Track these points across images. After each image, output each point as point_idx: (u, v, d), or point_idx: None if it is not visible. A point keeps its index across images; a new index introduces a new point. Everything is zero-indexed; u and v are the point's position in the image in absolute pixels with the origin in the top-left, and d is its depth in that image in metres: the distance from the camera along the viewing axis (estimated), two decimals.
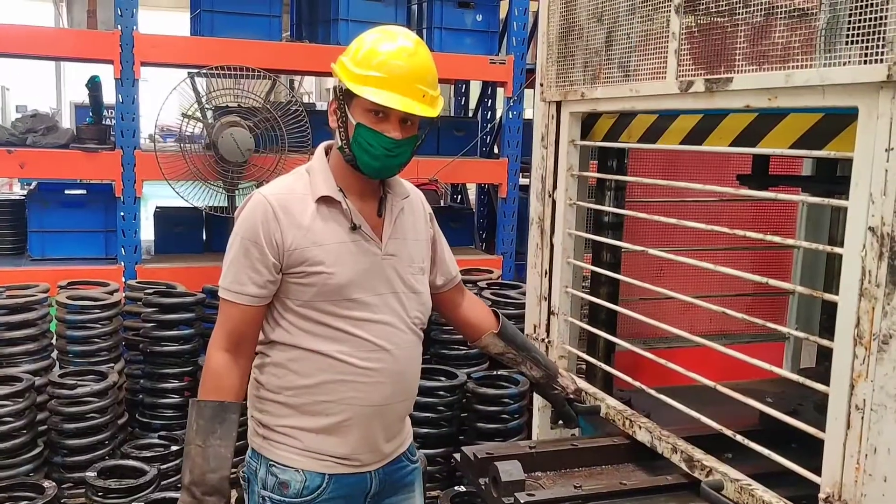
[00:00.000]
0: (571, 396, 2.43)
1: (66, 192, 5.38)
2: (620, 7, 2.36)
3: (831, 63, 1.62)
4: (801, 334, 2.17)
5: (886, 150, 1.51)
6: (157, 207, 5.87)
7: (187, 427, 2.07)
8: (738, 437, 2.05)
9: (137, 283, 4.74)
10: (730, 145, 2.14)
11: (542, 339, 2.85)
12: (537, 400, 2.94)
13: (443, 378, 4.01)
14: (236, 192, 5.13)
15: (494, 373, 4.17)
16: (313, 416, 2.06)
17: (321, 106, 15.23)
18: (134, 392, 4.27)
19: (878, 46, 1.50)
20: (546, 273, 2.81)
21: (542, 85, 2.79)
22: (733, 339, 3.91)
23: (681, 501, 2.02)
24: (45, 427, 3.76)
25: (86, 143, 5.01)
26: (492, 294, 4.58)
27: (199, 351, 4.23)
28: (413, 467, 2.28)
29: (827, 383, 2.47)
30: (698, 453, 2.11)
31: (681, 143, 2.30)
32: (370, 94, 1.96)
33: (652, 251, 2.53)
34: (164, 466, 3.64)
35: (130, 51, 4.85)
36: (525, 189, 6.12)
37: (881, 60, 1.49)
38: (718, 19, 1.96)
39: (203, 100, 5.07)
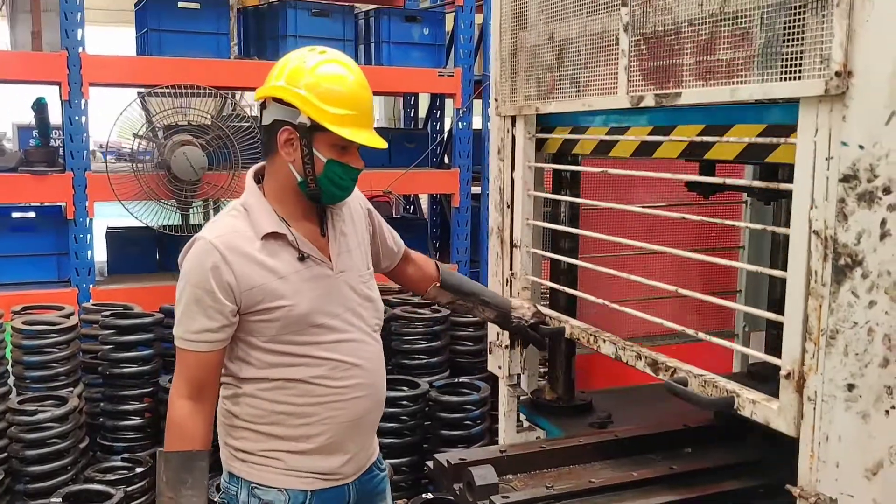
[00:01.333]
0: (533, 321, 2.60)
1: (15, 215, 5.30)
2: (571, 25, 2.46)
3: (773, 79, 1.74)
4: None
5: (827, 158, 1.63)
6: (108, 228, 5.81)
7: (157, 479, 2.03)
8: None
9: (93, 305, 4.70)
10: (678, 156, 2.25)
11: (505, 346, 2.93)
12: (501, 405, 3.02)
13: (405, 388, 4.07)
14: (190, 209, 5.12)
15: (456, 380, 4.24)
16: (294, 440, 2.08)
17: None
18: (94, 415, 4.23)
19: (816, 63, 1.62)
20: (507, 281, 2.90)
21: (496, 100, 2.88)
22: (685, 337, 4.04)
23: (648, 495, 2.11)
24: (6, 455, 3.72)
25: (35, 166, 4.95)
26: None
27: (160, 371, 4.22)
28: (383, 475, 2.36)
29: (775, 378, 2.61)
30: (661, 357, 2.21)
31: (632, 154, 2.40)
32: (355, 136, 2.00)
33: (621, 239, 2.63)
34: (130, 489, 3.62)
35: (78, 72, 4.81)
36: (476, 198, 6.23)
37: (820, 76, 1.61)
38: (665, 37, 2.07)
39: (154, 119, 5.05)
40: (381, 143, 2.07)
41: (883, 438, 1.59)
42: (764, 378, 3.09)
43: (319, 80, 2.01)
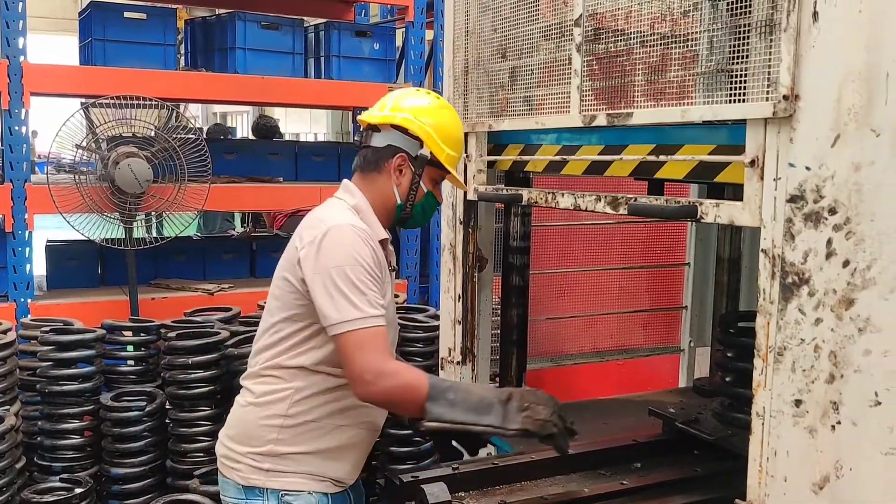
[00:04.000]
0: None
1: None
2: (523, 44, 2.48)
3: (723, 100, 1.78)
4: None
5: (775, 179, 1.67)
6: (48, 241, 5.66)
7: (448, 413, 2.02)
8: None
9: (31, 320, 4.56)
10: (629, 175, 2.28)
11: (457, 362, 2.93)
12: None
13: None
14: (134, 223, 5.02)
15: None
16: (331, 443, 2.18)
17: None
18: (31, 434, 4.10)
19: (764, 86, 1.66)
20: (459, 297, 2.90)
21: None
22: (632, 353, 4.11)
23: None
24: None
25: None
26: (400, 318, 4.63)
27: (101, 388, 4.11)
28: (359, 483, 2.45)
29: (720, 393, 2.67)
30: (620, 195, 2.19)
31: (583, 173, 2.43)
32: (459, 176, 2.36)
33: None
34: None
35: (19, 81, 4.69)
36: None
37: (768, 99, 1.65)
38: (618, 58, 2.11)
39: (98, 130, 4.95)
40: (465, 187, 2.57)
41: (829, 453, 1.63)
42: (710, 393, 3.15)
43: (443, 121, 2.26)
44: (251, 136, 8.35)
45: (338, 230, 2.07)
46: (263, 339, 2.23)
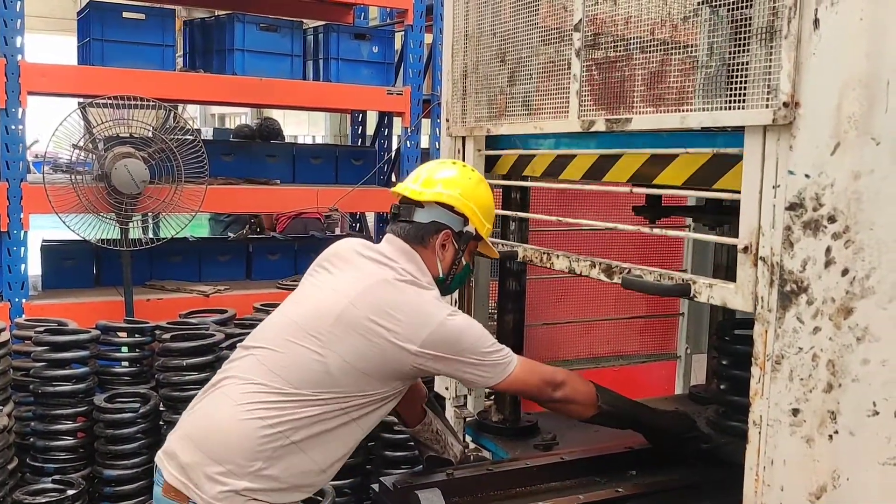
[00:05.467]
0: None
1: None
2: (522, 48, 2.48)
3: (723, 107, 1.77)
4: None
5: (774, 186, 1.66)
6: (43, 241, 5.64)
7: (612, 400, 2.35)
8: None
9: (26, 320, 4.54)
10: (627, 181, 2.27)
11: None
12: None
13: None
14: (130, 223, 5.00)
15: None
16: (309, 476, 2.15)
17: (206, 132, 14.98)
18: (24, 435, 4.07)
19: (764, 93, 1.66)
20: (456, 302, 2.88)
21: (447, 121, 2.88)
22: (628, 359, 4.10)
23: None
24: None
25: None
26: None
27: (95, 389, 4.09)
28: None
29: (716, 401, 2.65)
30: (615, 262, 2.22)
31: (581, 178, 2.42)
32: (493, 250, 2.46)
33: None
34: None
35: (16, 80, 4.68)
36: None
37: (767, 105, 1.64)
38: (617, 63, 2.10)
39: (95, 130, 4.93)
40: (497, 255, 2.57)
41: (826, 463, 1.62)
42: (705, 401, 3.14)
43: (482, 196, 2.34)
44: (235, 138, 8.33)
45: (458, 319, 2.17)
46: (303, 364, 2.11)
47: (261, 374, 2.12)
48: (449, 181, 2.31)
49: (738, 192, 1.76)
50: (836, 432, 1.61)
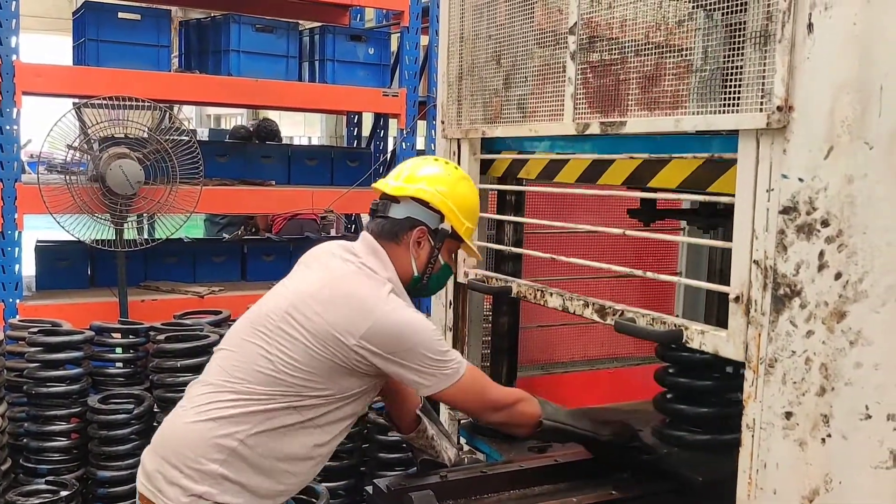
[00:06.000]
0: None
1: None
2: (518, 51, 2.48)
3: (717, 111, 1.77)
4: None
5: (768, 190, 1.66)
6: (38, 241, 5.62)
7: (555, 415, 2.31)
8: None
9: (19, 321, 4.52)
10: (622, 184, 2.28)
11: None
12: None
13: None
14: (125, 224, 4.99)
15: None
16: (264, 479, 2.10)
17: (202, 132, 14.96)
18: (17, 436, 4.06)
19: (758, 96, 1.66)
20: (450, 304, 2.89)
21: (442, 123, 2.88)
22: (622, 361, 4.11)
23: None
24: None
25: None
26: None
27: (89, 391, 4.08)
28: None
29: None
30: (608, 303, 2.21)
31: (576, 180, 2.42)
32: (474, 249, 2.36)
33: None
34: None
35: (11, 80, 4.67)
36: None
37: (762, 109, 1.65)
38: (612, 67, 2.10)
39: (90, 131, 4.93)
40: (480, 257, 2.56)
41: (819, 466, 1.62)
42: None
43: (462, 193, 2.27)
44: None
45: (405, 312, 2.10)
46: (253, 366, 2.10)
47: (216, 375, 2.14)
48: (427, 177, 2.24)
49: (732, 196, 1.77)
50: (829, 436, 1.62)
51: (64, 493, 3.63)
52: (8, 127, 4.74)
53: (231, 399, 2.07)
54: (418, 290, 2.29)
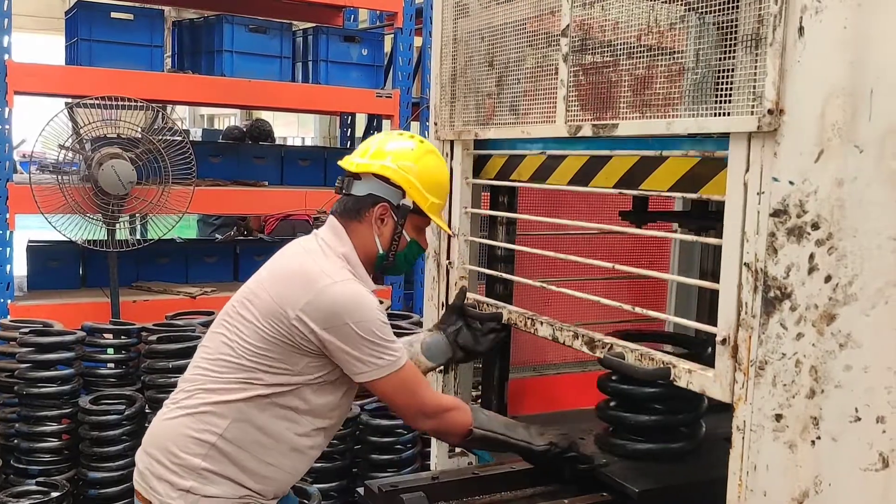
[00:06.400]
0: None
1: None
2: (511, 53, 2.48)
3: (708, 114, 1.78)
4: None
5: (758, 193, 1.67)
6: (29, 241, 5.61)
7: (487, 423, 2.26)
8: None
9: (11, 321, 4.52)
10: (614, 186, 2.28)
11: (440, 371, 2.92)
12: None
13: None
14: (117, 224, 4.98)
15: None
16: (250, 469, 2.10)
17: (195, 133, 14.93)
18: (8, 437, 4.05)
19: (749, 99, 1.66)
20: (443, 305, 2.88)
21: (435, 124, 2.88)
22: None
23: None
24: None
25: None
26: None
27: (80, 391, 4.07)
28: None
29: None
30: (598, 335, 2.20)
31: (568, 182, 2.42)
32: (443, 222, 2.29)
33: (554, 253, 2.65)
34: None
35: (3, 79, 4.67)
36: None
37: (752, 112, 1.65)
38: (604, 69, 2.11)
39: (82, 131, 4.92)
40: (450, 230, 2.47)
41: (809, 468, 1.63)
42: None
43: (427, 167, 2.22)
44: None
45: (347, 286, 2.06)
46: (222, 357, 2.12)
47: (191, 371, 2.18)
48: (390, 152, 2.20)
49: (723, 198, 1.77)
50: (819, 438, 1.62)
51: (55, 494, 3.62)
52: (0, 126, 4.73)
53: (204, 393, 2.11)
54: (386, 268, 2.25)
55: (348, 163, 2.23)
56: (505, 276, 2.83)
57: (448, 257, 2.86)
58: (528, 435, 2.29)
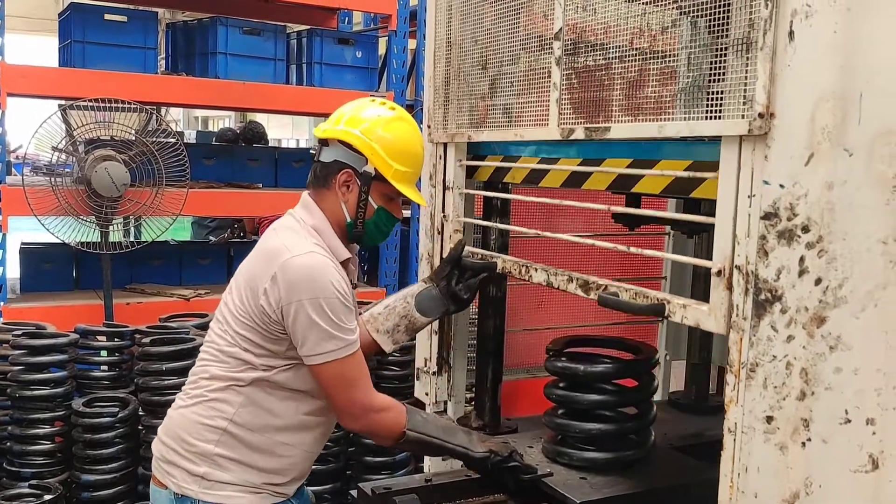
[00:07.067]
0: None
1: None
2: (504, 56, 2.49)
3: (699, 117, 1.79)
4: None
5: (749, 196, 1.68)
6: (22, 243, 5.60)
7: (423, 426, 2.21)
8: None
9: (3, 324, 4.50)
10: (607, 188, 2.29)
11: (433, 372, 2.92)
12: None
13: None
14: (110, 227, 4.97)
15: None
16: (263, 452, 2.14)
17: (189, 135, 14.90)
18: (1, 440, 4.04)
19: (740, 103, 1.68)
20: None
21: (429, 127, 2.89)
22: None
23: None
24: None
25: None
26: None
27: (73, 394, 4.06)
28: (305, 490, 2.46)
29: (696, 407, 2.63)
30: (592, 277, 2.18)
31: (561, 185, 2.43)
32: (409, 192, 2.21)
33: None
34: None
35: None
36: (406, 222, 6.23)
37: (743, 116, 1.66)
38: (596, 72, 2.11)
39: (75, 133, 4.91)
40: (424, 202, 2.39)
41: (800, 470, 1.64)
42: (685, 407, 3.16)
43: (394, 135, 2.20)
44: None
45: (307, 259, 2.05)
46: (218, 344, 2.18)
47: (198, 363, 2.24)
48: (355, 118, 2.20)
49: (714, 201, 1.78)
50: (809, 440, 1.63)
51: (48, 497, 3.61)
52: None
53: (209, 380, 2.16)
54: (357, 237, 2.24)
55: (316, 129, 2.26)
56: (500, 226, 2.81)
57: (443, 211, 2.85)
58: (467, 441, 2.24)
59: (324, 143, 2.23)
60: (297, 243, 2.09)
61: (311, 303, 2.01)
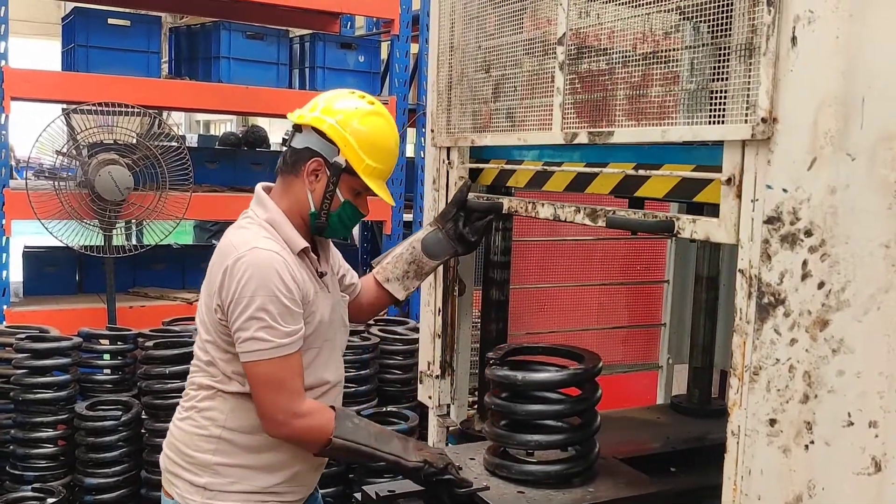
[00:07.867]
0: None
1: None
2: (507, 60, 2.50)
3: (703, 122, 1.80)
4: None
5: (752, 200, 1.69)
6: (25, 247, 5.61)
7: (352, 433, 2.10)
8: None
9: (7, 327, 4.52)
10: (610, 192, 2.30)
11: (436, 375, 2.93)
12: (431, 435, 3.01)
13: None
14: (113, 230, 4.99)
15: (384, 409, 4.21)
16: (261, 453, 2.13)
17: (191, 139, 14.92)
18: (4, 443, 4.05)
19: (743, 108, 1.68)
20: (439, 311, 2.90)
21: (432, 131, 2.90)
22: (610, 369, 4.12)
23: None
24: None
25: None
26: (379, 330, 4.64)
27: (76, 397, 4.07)
28: (319, 498, 2.45)
29: (699, 411, 2.62)
30: (598, 207, 2.17)
31: (564, 190, 2.44)
32: (378, 189, 2.15)
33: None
34: None
35: (0, 85, 4.66)
36: (408, 225, 6.24)
37: (746, 121, 1.67)
38: (600, 77, 2.12)
39: (79, 137, 4.92)
40: (392, 201, 2.23)
41: (803, 472, 1.64)
42: (687, 411, 3.17)
43: (366, 129, 2.14)
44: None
45: (250, 256, 2.00)
46: (198, 355, 2.20)
47: (190, 374, 2.25)
48: (333, 108, 2.14)
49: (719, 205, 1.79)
50: (812, 442, 1.64)
51: (51, 501, 3.63)
52: None
53: (196, 391, 2.18)
54: (319, 228, 2.18)
55: (291, 114, 2.20)
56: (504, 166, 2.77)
57: (448, 157, 2.84)
58: (401, 449, 2.13)
59: (297, 129, 2.17)
60: (245, 241, 2.05)
61: (250, 300, 1.97)
